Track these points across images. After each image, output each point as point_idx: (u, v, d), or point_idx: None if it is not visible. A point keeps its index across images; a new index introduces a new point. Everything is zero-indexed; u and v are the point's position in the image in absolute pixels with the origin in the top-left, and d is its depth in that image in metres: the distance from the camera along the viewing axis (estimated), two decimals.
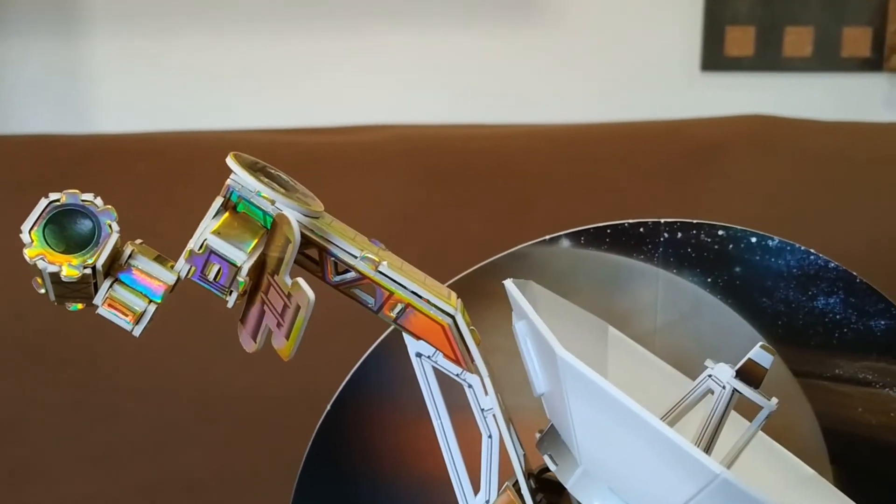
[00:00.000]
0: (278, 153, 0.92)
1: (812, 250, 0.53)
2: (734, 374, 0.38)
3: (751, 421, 0.40)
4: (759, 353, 0.38)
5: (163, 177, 0.89)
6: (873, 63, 1.01)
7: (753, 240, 0.53)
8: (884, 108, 1.03)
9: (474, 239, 0.87)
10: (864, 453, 0.54)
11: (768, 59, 1.01)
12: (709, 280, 0.53)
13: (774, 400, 0.39)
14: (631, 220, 0.52)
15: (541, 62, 1.02)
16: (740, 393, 0.39)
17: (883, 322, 0.53)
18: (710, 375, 0.39)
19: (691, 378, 0.42)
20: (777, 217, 0.89)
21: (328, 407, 0.53)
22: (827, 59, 1.01)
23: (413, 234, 0.88)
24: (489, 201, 0.90)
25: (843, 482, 0.53)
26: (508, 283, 0.39)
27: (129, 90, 1.01)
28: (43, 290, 0.35)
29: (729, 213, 0.89)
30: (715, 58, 1.01)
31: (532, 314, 0.35)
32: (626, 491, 0.35)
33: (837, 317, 0.53)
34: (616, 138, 0.96)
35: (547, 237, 0.52)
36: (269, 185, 0.35)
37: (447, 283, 0.51)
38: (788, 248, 0.53)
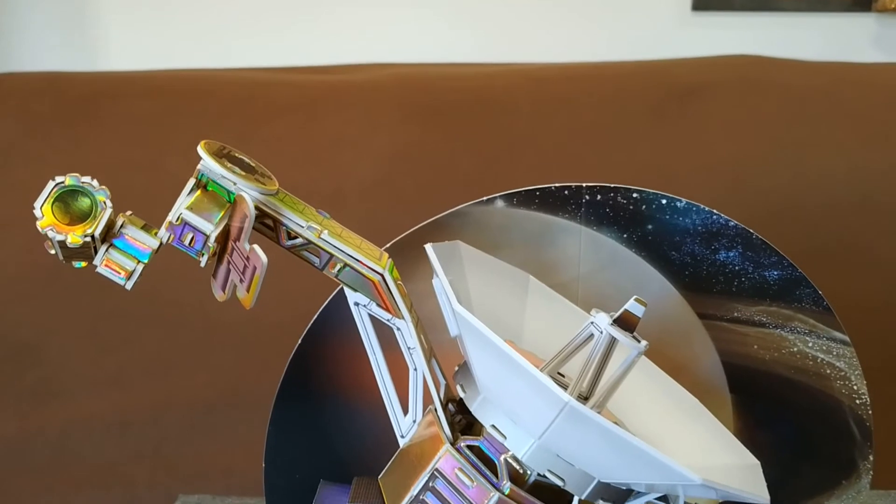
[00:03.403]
0: (276, 91, 0.95)
1: (715, 210, 0.58)
2: (611, 321, 0.45)
3: None
4: (634, 305, 0.45)
5: (167, 113, 0.92)
6: (862, 3, 1.02)
7: (664, 201, 0.58)
8: (872, 49, 1.04)
9: (466, 175, 0.90)
10: (759, 383, 0.60)
11: None
12: (624, 236, 0.59)
13: (644, 343, 0.45)
14: (557, 184, 0.58)
15: (534, 1, 1.03)
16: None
17: (776, 273, 0.59)
18: (592, 322, 0.45)
19: None
20: (760, 155, 0.91)
21: (300, 340, 0.62)
22: None
23: (407, 170, 0.91)
24: (481, 139, 0.92)
25: (740, 406, 0.61)
26: (428, 248, 0.45)
27: (135, 30, 1.03)
28: (53, 252, 0.44)
29: (709, 151, 0.91)
30: None
31: (441, 275, 0.43)
32: (513, 415, 0.43)
33: (736, 268, 0.59)
34: (604, 78, 0.97)
35: (484, 198, 0.59)
36: (231, 170, 0.43)
37: (398, 238, 0.59)
38: (694, 208, 0.58)
